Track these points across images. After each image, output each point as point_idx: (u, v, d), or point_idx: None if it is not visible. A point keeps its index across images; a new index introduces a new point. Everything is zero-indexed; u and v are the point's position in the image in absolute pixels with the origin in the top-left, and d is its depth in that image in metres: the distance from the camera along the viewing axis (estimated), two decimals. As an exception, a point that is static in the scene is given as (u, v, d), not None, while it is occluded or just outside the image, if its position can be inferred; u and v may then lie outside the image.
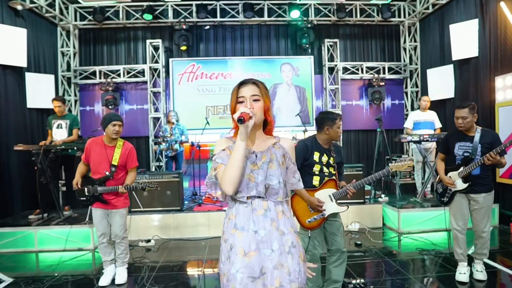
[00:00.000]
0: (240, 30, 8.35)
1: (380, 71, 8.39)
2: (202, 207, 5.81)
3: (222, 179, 1.60)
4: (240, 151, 1.58)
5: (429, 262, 4.24)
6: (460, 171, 3.49)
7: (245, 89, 1.69)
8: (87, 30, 8.02)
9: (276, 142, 1.77)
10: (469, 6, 6.50)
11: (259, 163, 1.67)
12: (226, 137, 1.80)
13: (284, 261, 1.62)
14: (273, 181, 1.67)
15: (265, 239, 1.63)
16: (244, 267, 1.59)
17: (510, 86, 5.58)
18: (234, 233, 1.66)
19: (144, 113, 7.99)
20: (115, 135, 3.63)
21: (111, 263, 3.90)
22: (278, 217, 1.67)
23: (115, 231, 3.75)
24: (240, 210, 1.68)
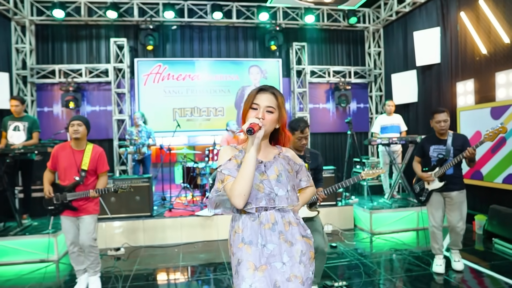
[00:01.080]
0: (208, 31, 8.21)
1: (346, 75, 8.57)
2: (173, 213, 5.62)
3: (232, 192, 1.54)
4: (252, 164, 1.54)
5: (404, 261, 4.35)
6: (436, 171, 3.81)
7: (262, 98, 1.64)
8: (44, 26, 7.53)
9: (280, 152, 1.75)
10: (431, 15, 6.79)
11: (269, 174, 1.63)
12: (231, 146, 1.75)
13: (297, 272, 1.59)
14: (281, 191, 1.63)
15: (274, 253, 1.59)
16: (258, 281, 1.54)
17: (470, 91, 5.88)
18: (242, 248, 1.61)
19: (107, 115, 7.63)
20: (76, 134, 3.43)
21: (84, 272, 3.67)
22: (285, 228, 1.63)
23: (83, 239, 3.50)
24: (247, 223, 1.62)
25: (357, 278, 3.82)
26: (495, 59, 5.48)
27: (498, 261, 4.22)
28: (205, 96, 8.06)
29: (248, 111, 1.64)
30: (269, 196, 1.61)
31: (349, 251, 4.75)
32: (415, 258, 4.39)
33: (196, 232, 5.34)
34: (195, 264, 4.44)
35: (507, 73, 5.21)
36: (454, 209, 3.80)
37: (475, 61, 5.82)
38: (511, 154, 5.09)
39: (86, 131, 3.55)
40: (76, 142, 3.49)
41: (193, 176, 6.53)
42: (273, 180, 1.62)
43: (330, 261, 4.37)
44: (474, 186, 5.62)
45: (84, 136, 3.51)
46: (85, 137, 3.55)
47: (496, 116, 5.32)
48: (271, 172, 1.63)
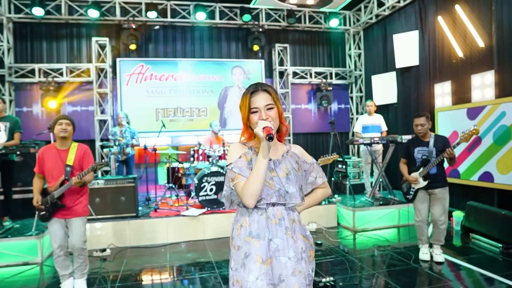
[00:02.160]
0: (191, 31, 8.22)
1: (328, 76, 8.74)
2: (158, 213, 5.61)
3: (244, 193, 1.58)
4: (265, 164, 1.57)
5: (387, 257, 4.49)
6: (420, 171, 4.13)
7: (258, 99, 1.65)
8: (23, 24, 7.37)
9: (289, 150, 1.78)
10: (410, 18, 7.02)
11: (278, 172, 1.67)
12: (240, 143, 1.77)
13: (300, 267, 1.64)
14: (292, 189, 1.67)
15: (281, 248, 1.63)
16: (264, 274, 1.59)
17: (447, 92, 6.11)
18: (249, 241, 1.64)
19: (89, 115, 7.53)
20: (63, 133, 3.40)
21: (70, 277, 3.61)
22: (291, 225, 1.68)
23: (74, 242, 3.46)
24: (255, 218, 1.66)
25: (344, 273, 3.93)
26: (470, 62, 5.72)
27: (475, 254, 4.42)
28: (188, 97, 8.07)
29: (250, 116, 1.66)
30: (278, 192, 1.65)
31: (333, 248, 4.86)
32: (398, 254, 4.54)
33: (182, 232, 5.35)
34: (182, 263, 4.46)
35: (482, 76, 5.45)
36: (437, 204, 4.14)
37: (452, 64, 6.06)
38: (485, 154, 5.33)
39: (73, 131, 3.54)
40: (62, 142, 3.46)
41: (178, 176, 6.53)
42: (283, 178, 1.66)
43: (317, 258, 4.46)
44: (452, 184, 5.79)
45: (70, 135, 3.50)
46: (71, 136, 3.53)
47: (472, 117, 5.55)
48: (280, 171, 1.67)
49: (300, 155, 1.79)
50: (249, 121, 1.67)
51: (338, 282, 3.64)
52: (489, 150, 5.28)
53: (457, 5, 5.87)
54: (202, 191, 5.53)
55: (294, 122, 8.54)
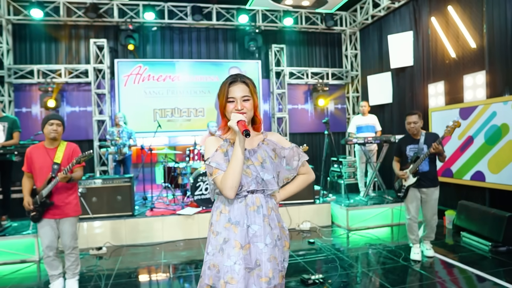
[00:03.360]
0: (188, 32, 8.29)
1: (324, 77, 8.81)
2: (154, 212, 5.69)
3: (223, 185, 1.64)
4: (240, 159, 1.63)
5: (378, 255, 4.57)
6: (410, 167, 4.21)
7: (235, 89, 1.72)
8: (22, 26, 7.46)
9: (265, 138, 1.83)
10: (404, 19, 7.08)
11: (254, 160, 1.73)
12: (215, 136, 1.83)
13: (275, 254, 1.71)
14: (267, 176, 1.73)
15: (258, 234, 1.70)
16: (242, 259, 1.66)
17: (441, 93, 6.17)
18: (228, 227, 1.71)
19: (87, 115, 7.61)
20: (54, 134, 3.38)
21: (59, 277, 3.58)
22: (269, 212, 1.75)
23: (65, 241, 3.49)
24: (234, 205, 1.73)
25: (334, 271, 3.99)
26: (463, 62, 5.78)
27: (465, 253, 4.49)
28: (186, 97, 8.14)
29: (226, 105, 1.73)
30: (255, 180, 1.71)
31: (326, 246, 4.93)
32: (389, 252, 4.61)
33: (177, 230, 5.43)
34: (176, 261, 4.54)
35: (473, 76, 5.51)
36: (429, 205, 4.23)
37: (445, 64, 6.12)
38: (477, 153, 5.38)
39: (62, 131, 3.51)
40: (51, 141, 3.45)
41: (174, 176, 6.61)
42: (258, 166, 1.72)
43: (308, 256, 4.54)
44: (445, 183, 5.90)
45: (60, 136, 3.49)
46: (60, 137, 3.51)
47: (464, 117, 5.61)
48: (255, 159, 1.73)
49: (277, 141, 1.84)
50: (225, 110, 1.73)
51: (327, 280, 3.71)
52: (480, 150, 5.34)
53: (450, 6, 5.93)
54: (197, 190, 5.61)
55: (290, 122, 8.61)
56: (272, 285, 1.67)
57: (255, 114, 1.78)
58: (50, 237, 3.45)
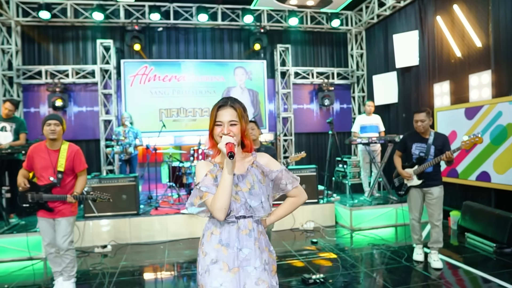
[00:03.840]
0: (194, 33, 8.34)
1: (329, 76, 8.79)
2: (159, 211, 5.74)
3: (213, 207, 1.65)
4: (228, 181, 1.63)
5: (381, 255, 4.56)
6: (415, 169, 4.05)
7: (224, 113, 1.73)
8: (30, 27, 7.57)
9: (254, 161, 1.83)
10: (410, 18, 7.04)
11: (242, 187, 1.74)
12: (206, 161, 1.84)
13: (264, 277, 1.72)
14: (254, 203, 1.73)
15: (248, 257, 1.71)
16: (229, 282, 1.67)
17: (446, 92, 6.13)
18: (218, 249, 1.72)
19: (94, 115, 7.71)
20: (52, 135, 3.35)
21: (62, 274, 3.61)
22: (258, 236, 1.77)
23: (59, 242, 3.45)
24: (226, 228, 1.74)
25: (335, 271, 4.00)
26: (468, 61, 5.74)
27: (469, 254, 4.46)
28: (191, 97, 8.19)
29: (214, 128, 1.75)
30: (245, 205, 1.73)
31: (328, 246, 4.94)
32: (392, 252, 4.60)
33: (181, 229, 5.48)
34: (180, 260, 4.58)
35: (479, 75, 5.47)
36: (434, 205, 4.02)
37: (451, 64, 6.08)
38: (483, 153, 5.34)
39: (62, 131, 3.47)
40: (52, 142, 3.42)
41: (179, 175, 6.66)
42: (246, 192, 1.73)
43: (310, 255, 4.55)
44: (450, 183, 5.86)
45: (60, 136, 3.43)
46: (61, 136, 3.46)
47: (470, 117, 5.57)
48: (243, 185, 1.74)
49: (265, 164, 1.83)
50: (213, 132, 1.75)
51: (328, 279, 3.72)
52: (486, 150, 5.30)
53: (455, 5, 5.88)
54: (202, 189, 5.63)
55: (296, 122, 8.61)
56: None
57: (243, 138, 1.78)
58: (50, 235, 3.48)
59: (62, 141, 3.51)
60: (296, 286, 3.62)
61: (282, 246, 5.00)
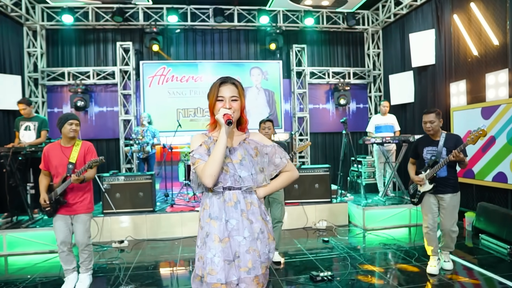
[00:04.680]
0: (211, 34, 8.49)
1: (346, 76, 8.78)
2: (174, 208, 5.90)
3: (203, 173, 1.75)
4: (222, 148, 1.74)
5: (391, 255, 4.56)
6: (427, 173, 3.82)
7: (225, 89, 1.84)
8: (54, 31, 7.89)
9: (246, 137, 1.94)
10: (426, 17, 6.97)
11: (233, 158, 1.83)
12: (201, 133, 1.96)
13: (254, 246, 1.81)
14: (244, 173, 1.83)
15: (236, 228, 1.80)
16: (220, 251, 1.77)
17: (463, 92, 6.05)
18: (209, 222, 1.83)
19: (114, 115, 7.96)
20: (73, 134, 3.52)
21: (73, 271, 3.73)
22: (247, 207, 1.85)
23: (78, 238, 3.61)
24: (214, 201, 1.84)
25: (344, 269, 4.04)
26: (485, 60, 5.65)
27: (482, 255, 4.41)
28: (208, 97, 8.31)
29: (215, 103, 1.85)
30: (233, 177, 1.82)
31: (340, 245, 4.97)
32: (402, 252, 4.60)
33: (196, 226, 5.57)
34: (193, 256, 4.70)
35: (496, 74, 5.38)
36: (448, 212, 3.80)
37: (467, 62, 6.00)
38: (499, 154, 5.26)
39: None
40: (68, 140, 3.57)
41: (195, 174, 6.79)
42: (236, 164, 1.83)
43: (320, 254, 4.60)
44: (466, 184, 5.79)
45: (78, 134, 3.61)
46: (78, 135, 3.64)
47: (486, 116, 5.48)
48: (235, 157, 1.84)
49: (259, 140, 1.94)
50: (214, 108, 1.85)
51: (336, 277, 3.76)
52: (502, 150, 5.21)
53: (472, 3, 5.80)
54: (216, 188, 5.76)
55: (311, 122, 8.64)
56: (252, 275, 1.77)
57: (241, 115, 1.90)
58: (65, 233, 3.58)
59: (77, 139, 3.67)
60: (304, 283, 3.68)
61: (293, 244, 5.06)
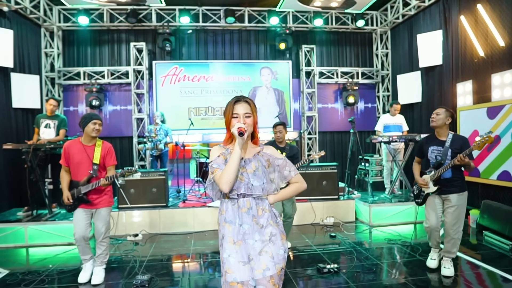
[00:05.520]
0: (222, 34, 8.69)
1: (354, 76, 8.91)
2: (186, 204, 6.11)
3: (220, 180, 1.95)
4: (237, 158, 1.94)
5: (396, 250, 4.72)
6: (431, 174, 3.81)
7: (239, 107, 2.04)
8: (71, 32, 8.16)
9: (260, 150, 2.14)
10: (434, 18, 7.07)
11: (247, 168, 2.03)
12: (219, 146, 2.16)
13: (267, 248, 1.99)
14: (256, 183, 2.03)
15: (248, 232, 2.01)
16: (235, 253, 1.98)
17: (469, 92, 6.15)
18: (224, 226, 2.05)
19: (127, 114, 8.20)
20: (95, 133, 3.69)
21: (90, 259, 3.94)
22: (258, 213, 2.05)
23: (99, 229, 3.81)
24: (229, 207, 2.05)
25: (349, 262, 4.21)
26: (491, 61, 5.75)
27: (484, 251, 4.54)
28: (219, 96, 8.53)
29: (231, 120, 2.05)
30: (247, 185, 2.02)
31: (346, 240, 5.13)
32: (407, 247, 4.75)
33: (207, 221, 5.82)
34: (204, 249, 4.91)
35: (501, 75, 5.48)
36: (451, 212, 3.74)
37: (474, 63, 6.10)
38: (504, 153, 5.36)
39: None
40: (90, 139, 3.75)
41: (206, 171, 7.01)
42: (250, 173, 2.03)
43: (327, 248, 4.77)
44: (472, 182, 5.89)
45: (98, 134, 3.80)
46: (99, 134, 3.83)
47: (492, 116, 5.59)
48: (249, 167, 2.04)
49: (272, 153, 2.15)
50: (230, 124, 2.05)
51: (341, 269, 3.93)
52: (507, 149, 5.31)
53: (479, 5, 5.89)
54: (226, 184, 5.96)
55: (320, 121, 8.79)
56: (267, 275, 1.95)
57: (254, 130, 2.10)
58: (83, 227, 3.77)
59: (97, 138, 3.85)
60: (311, 274, 3.86)
61: (301, 239, 5.24)
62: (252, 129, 2.07)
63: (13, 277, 4.00)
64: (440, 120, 3.75)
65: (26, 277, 3.98)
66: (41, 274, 4.04)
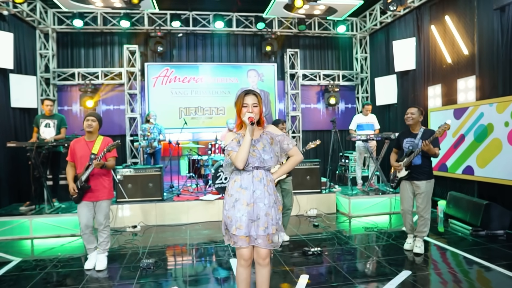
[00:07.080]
0: (211, 38, 9.14)
1: (335, 78, 9.49)
2: (180, 197, 6.55)
3: (236, 159, 2.47)
4: (248, 141, 2.45)
5: (372, 236, 5.29)
6: (404, 161, 4.41)
7: (248, 98, 2.54)
8: (65, 34, 8.46)
9: (264, 130, 2.65)
10: (408, 26, 7.70)
11: (258, 146, 2.54)
12: (232, 132, 2.67)
13: (270, 212, 2.51)
14: (266, 156, 2.54)
15: (260, 196, 2.50)
16: (247, 213, 2.47)
17: (438, 94, 6.79)
18: (239, 191, 2.52)
19: (121, 113, 8.57)
20: (89, 128, 4.05)
21: (94, 249, 4.30)
22: (267, 183, 2.56)
23: (99, 219, 4.12)
24: (244, 176, 2.54)
25: (331, 246, 4.75)
26: (457, 67, 6.39)
27: (449, 235, 5.16)
28: (208, 97, 8.99)
29: (241, 109, 2.55)
30: (259, 159, 2.52)
31: (328, 229, 5.68)
32: (382, 234, 5.32)
33: (200, 213, 6.27)
34: (199, 238, 5.36)
35: (465, 80, 6.12)
36: (421, 198, 4.33)
37: (442, 69, 6.74)
38: (468, 150, 5.99)
39: (98, 126, 4.18)
40: (89, 135, 4.12)
41: (198, 167, 7.46)
42: (260, 150, 2.53)
43: (311, 235, 5.31)
44: (441, 176, 6.53)
45: (96, 130, 4.13)
46: (97, 131, 4.16)
47: (458, 116, 6.22)
48: (259, 146, 2.55)
49: (273, 131, 2.65)
50: (241, 112, 2.54)
51: (324, 252, 4.47)
52: (470, 147, 5.95)
53: (447, 16, 6.53)
54: (218, 179, 6.43)
55: (303, 120, 9.34)
56: (266, 233, 2.48)
57: (260, 116, 2.61)
58: (87, 217, 4.13)
59: (98, 135, 4.24)
60: (298, 257, 4.37)
61: (288, 229, 5.73)
62: (259, 116, 2.56)
63: (27, 263, 4.38)
64: (415, 118, 4.40)
65: (39, 263, 4.36)
66: (53, 261, 4.42)
